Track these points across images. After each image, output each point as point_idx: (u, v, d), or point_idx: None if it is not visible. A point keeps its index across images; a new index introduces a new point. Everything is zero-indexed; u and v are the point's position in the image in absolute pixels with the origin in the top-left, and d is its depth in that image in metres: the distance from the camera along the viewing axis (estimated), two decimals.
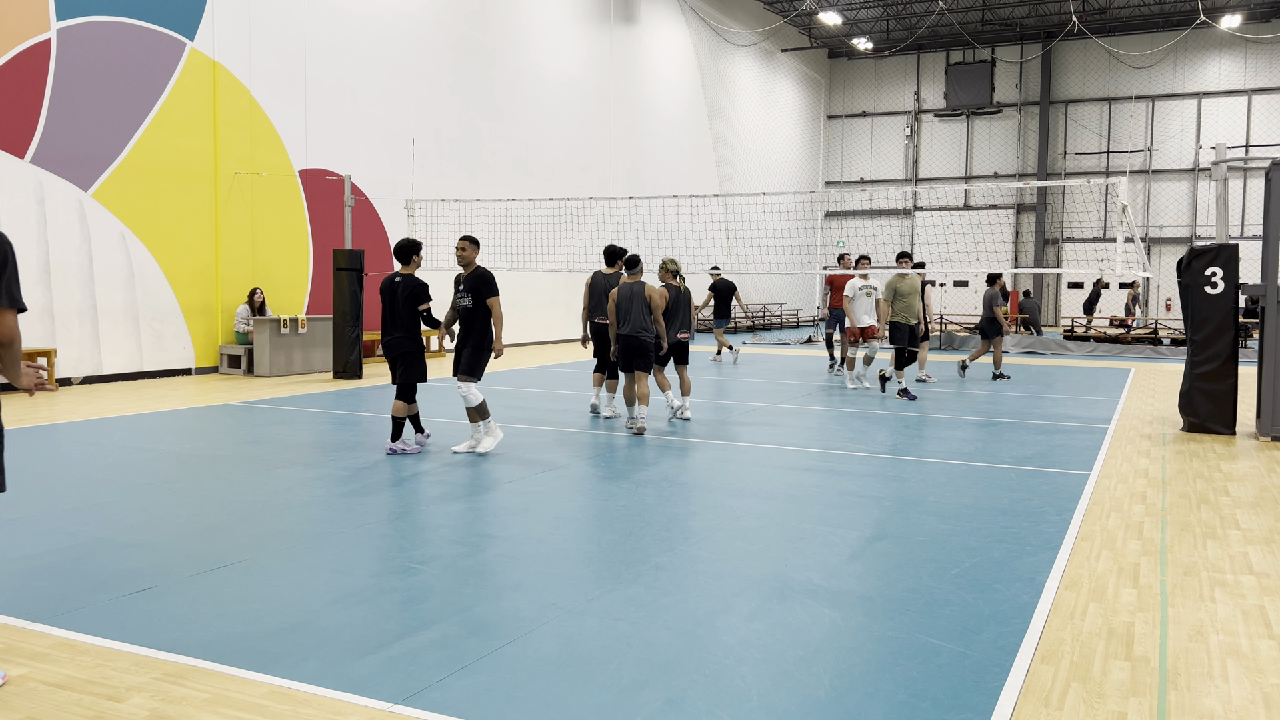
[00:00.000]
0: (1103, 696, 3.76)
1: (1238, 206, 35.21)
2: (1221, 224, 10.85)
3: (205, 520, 6.29)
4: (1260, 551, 5.84)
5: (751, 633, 4.35)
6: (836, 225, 41.17)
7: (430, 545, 5.74)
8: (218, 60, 15.72)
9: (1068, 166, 37.80)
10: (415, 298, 8.67)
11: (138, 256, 14.70)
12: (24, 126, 13.24)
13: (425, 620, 4.47)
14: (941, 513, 6.66)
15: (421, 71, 19.90)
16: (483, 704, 3.62)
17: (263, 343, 15.49)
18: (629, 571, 5.24)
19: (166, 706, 3.59)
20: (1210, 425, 10.39)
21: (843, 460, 8.60)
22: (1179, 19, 35.36)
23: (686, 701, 3.64)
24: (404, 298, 8.65)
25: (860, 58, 40.74)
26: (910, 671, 3.94)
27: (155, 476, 7.66)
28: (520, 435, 9.86)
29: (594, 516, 6.48)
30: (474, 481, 7.56)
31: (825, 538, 5.97)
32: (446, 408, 11.86)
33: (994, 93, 38.39)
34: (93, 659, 4.02)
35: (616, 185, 26.73)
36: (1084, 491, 7.42)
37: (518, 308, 22.66)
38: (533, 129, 23.33)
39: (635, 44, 27.65)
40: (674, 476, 7.83)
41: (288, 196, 17.13)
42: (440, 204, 19.52)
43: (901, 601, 4.79)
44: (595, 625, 4.43)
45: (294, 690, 3.73)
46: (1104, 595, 4.97)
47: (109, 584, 4.95)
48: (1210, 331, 10.34)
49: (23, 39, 13.16)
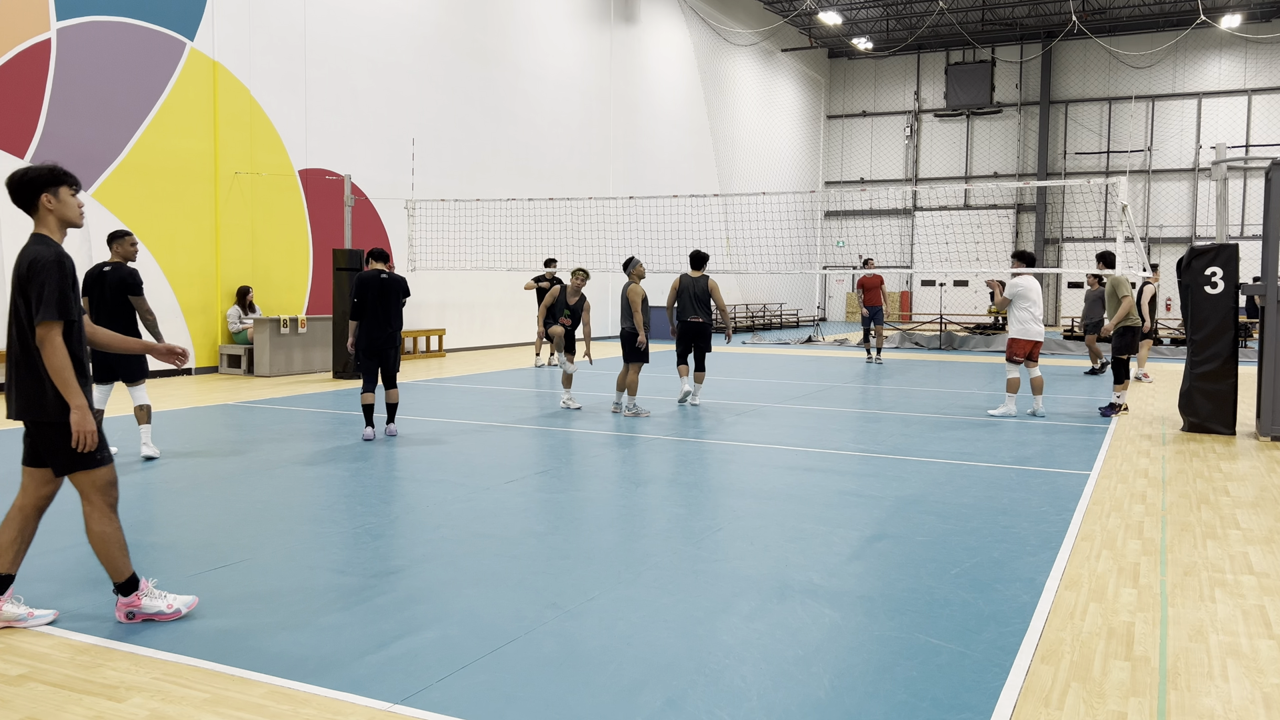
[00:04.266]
0: (1103, 696, 3.76)
1: (1238, 206, 35.21)
2: (1221, 224, 10.85)
3: (205, 520, 6.28)
4: (1260, 551, 5.84)
5: (751, 633, 4.35)
6: (836, 225, 41.17)
7: (430, 545, 5.74)
8: (218, 60, 15.72)
9: (1068, 166, 37.79)
10: (405, 292, 9.58)
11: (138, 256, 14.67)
12: (24, 126, 13.24)
13: (425, 620, 4.47)
14: (941, 513, 6.66)
15: (421, 71, 19.90)
16: (483, 704, 3.62)
17: (262, 343, 15.49)
18: (629, 571, 5.24)
19: (166, 706, 3.59)
20: (1210, 425, 10.39)
21: (843, 460, 8.60)
22: (1179, 19, 35.35)
23: (686, 701, 3.64)
24: (396, 293, 9.48)
25: (860, 58, 40.74)
26: (910, 671, 3.94)
27: (155, 476, 7.66)
28: (520, 435, 9.86)
29: (594, 516, 6.48)
30: (474, 481, 7.56)
31: (825, 538, 5.97)
32: (433, 405, 11.86)
33: (994, 93, 38.39)
34: (93, 659, 4.02)
35: (616, 185, 26.73)
36: (1084, 491, 7.42)
37: (518, 308, 22.66)
38: (533, 129, 23.33)
39: (635, 44, 27.65)
40: (674, 476, 7.83)
41: (287, 196, 17.12)
42: (440, 204, 19.51)
43: (901, 601, 4.79)
44: (595, 625, 4.43)
45: (294, 690, 3.73)
46: (1104, 595, 4.97)
47: (109, 584, 4.95)
48: (1210, 331, 10.34)
49: (23, 39, 13.16)
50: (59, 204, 4.26)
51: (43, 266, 4.11)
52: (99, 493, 4.28)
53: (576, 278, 11.68)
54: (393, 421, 9.77)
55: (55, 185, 4.24)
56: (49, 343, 4.09)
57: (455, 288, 21.04)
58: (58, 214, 4.27)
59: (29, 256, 4.17)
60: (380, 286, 9.38)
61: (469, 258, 19.85)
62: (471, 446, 9.14)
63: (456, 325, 21.15)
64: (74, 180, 4.34)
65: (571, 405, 11.77)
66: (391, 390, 9.71)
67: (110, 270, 8.23)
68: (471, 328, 21.66)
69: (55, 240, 4.27)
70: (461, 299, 21.32)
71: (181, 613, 4.43)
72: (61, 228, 4.30)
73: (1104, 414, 11.71)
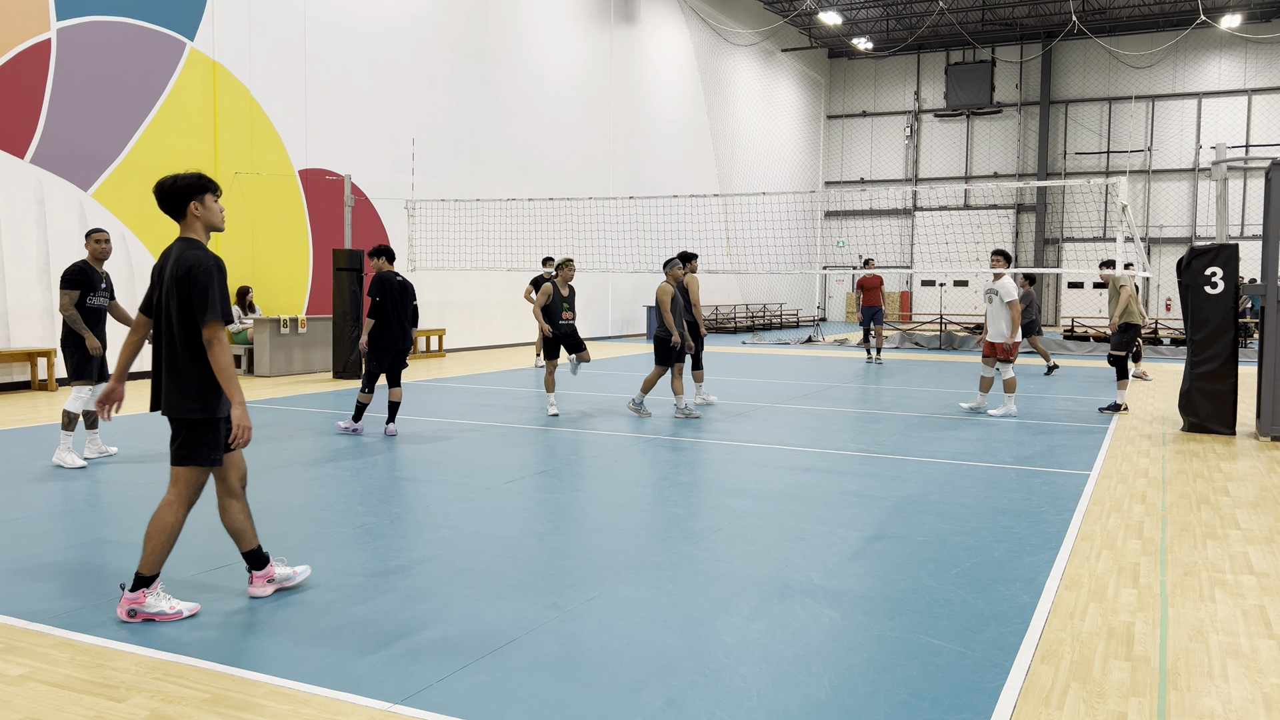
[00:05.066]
0: (1103, 696, 3.76)
1: (1238, 206, 35.21)
2: (1221, 224, 10.85)
3: (205, 520, 6.28)
4: (1260, 551, 5.84)
5: (751, 633, 4.35)
6: (836, 225, 41.18)
7: (430, 545, 5.74)
8: (218, 60, 15.72)
9: (1068, 166, 37.79)
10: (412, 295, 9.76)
11: (138, 256, 14.70)
12: (24, 126, 13.24)
13: (425, 620, 4.47)
14: (941, 513, 6.66)
15: (421, 71, 19.90)
16: (483, 704, 3.62)
17: (263, 342, 15.49)
18: (629, 571, 5.24)
19: (166, 706, 3.59)
20: (1210, 425, 10.39)
21: (843, 460, 8.60)
22: (1179, 19, 35.36)
23: (686, 701, 3.64)
24: (411, 294, 9.69)
25: (860, 58, 40.74)
26: (910, 671, 3.94)
27: (155, 477, 7.66)
28: (520, 435, 9.86)
29: (594, 516, 6.48)
30: (474, 481, 7.56)
31: (825, 538, 5.97)
32: (433, 405, 11.86)
33: (994, 93, 38.39)
34: (93, 659, 4.02)
35: (616, 185, 26.73)
36: (1084, 491, 7.42)
37: (518, 307, 22.66)
38: (532, 129, 23.33)
39: (635, 44, 27.65)
40: (674, 476, 7.83)
41: (288, 196, 17.13)
42: (440, 204, 19.52)
43: (901, 601, 4.79)
44: (595, 625, 4.43)
45: (294, 690, 3.73)
46: (1104, 595, 4.97)
47: (109, 584, 4.95)
48: (1210, 331, 10.34)
49: (23, 39, 13.16)
50: (205, 210, 4.53)
51: (204, 271, 4.35)
52: (192, 489, 4.48)
53: (567, 269, 11.45)
54: (393, 421, 9.77)
55: (202, 193, 4.51)
56: (217, 341, 4.33)
57: (455, 288, 21.04)
58: (204, 219, 4.53)
59: (188, 262, 4.38)
60: (400, 287, 9.56)
61: (469, 258, 19.85)
62: (471, 446, 9.15)
63: (456, 325, 21.15)
64: (218, 187, 4.62)
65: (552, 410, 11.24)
66: (396, 389, 9.80)
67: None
68: (471, 328, 21.67)
69: (202, 243, 4.51)
70: (461, 299, 21.32)
71: (183, 614, 4.46)
72: (207, 232, 4.57)
73: (1102, 411, 11.78)
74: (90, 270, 8.10)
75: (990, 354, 11.57)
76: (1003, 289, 11.30)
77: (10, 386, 13.16)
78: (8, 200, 13.08)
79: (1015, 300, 11.27)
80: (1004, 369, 11.51)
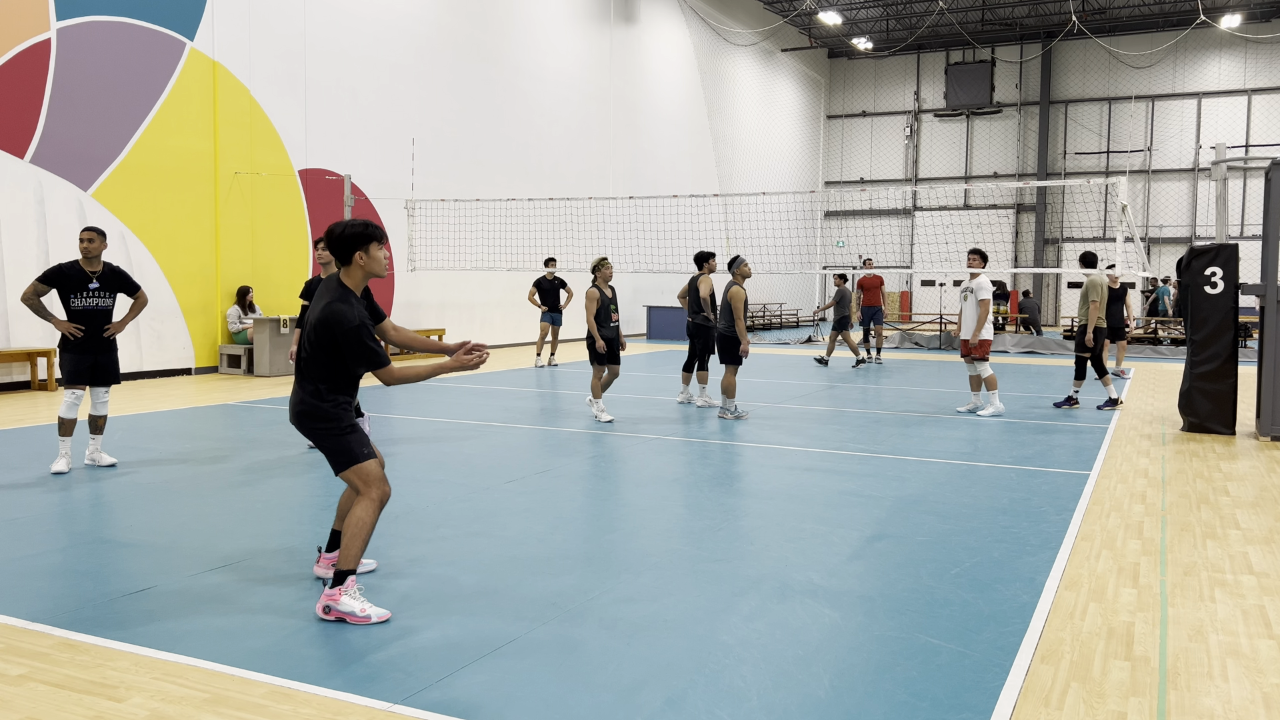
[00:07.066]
0: (1103, 696, 3.76)
1: (1238, 206, 35.21)
2: (1221, 224, 10.85)
3: (205, 520, 6.29)
4: (1260, 551, 5.84)
5: (751, 632, 4.35)
6: (836, 225, 41.18)
7: (430, 545, 5.74)
8: (218, 60, 15.72)
9: (1068, 166, 37.79)
10: None
11: (138, 256, 14.69)
12: (24, 126, 13.24)
13: (425, 620, 4.47)
14: (941, 513, 6.66)
15: (421, 71, 19.90)
16: (483, 704, 3.62)
17: (262, 342, 15.49)
18: (629, 571, 5.24)
19: (166, 706, 3.59)
20: (1210, 425, 10.39)
21: (843, 460, 8.60)
22: (1179, 19, 35.36)
23: (686, 701, 3.64)
24: None
25: (860, 58, 40.74)
26: (910, 671, 3.94)
27: (155, 477, 7.66)
28: (520, 435, 9.86)
29: (594, 516, 6.48)
30: (474, 481, 7.56)
31: (825, 538, 5.97)
32: (433, 405, 11.86)
33: (994, 93, 38.39)
34: (93, 659, 4.02)
35: (616, 185, 26.73)
36: (1084, 491, 7.42)
37: (518, 308, 22.67)
38: (532, 129, 23.33)
39: (635, 44, 27.65)
40: (674, 476, 7.83)
41: (287, 196, 17.12)
42: (440, 204, 19.51)
43: (901, 601, 4.79)
44: (595, 625, 4.43)
45: (294, 690, 3.73)
46: (1104, 595, 4.97)
47: (109, 584, 4.95)
48: (1210, 331, 10.34)
49: (23, 39, 13.16)
50: (369, 260, 4.58)
51: (346, 334, 4.42)
52: (371, 485, 4.57)
53: (606, 268, 10.95)
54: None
55: (368, 242, 4.55)
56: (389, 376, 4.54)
57: (455, 288, 21.04)
58: (366, 268, 4.59)
59: (336, 317, 4.42)
60: None
61: (469, 258, 19.85)
62: (471, 446, 9.15)
63: (456, 325, 21.15)
64: (384, 235, 4.66)
65: (603, 417, 10.83)
66: None
67: None
68: (471, 328, 21.66)
69: (354, 292, 4.56)
70: (461, 299, 21.32)
71: (371, 620, 4.42)
72: (365, 279, 4.63)
73: (1100, 409, 12.01)
74: (70, 270, 7.71)
75: (966, 353, 11.69)
76: (977, 287, 11.44)
77: (10, 386, 13.16)
78: (8, 200, 13.08)
79: (987, 299, 11.41)
80: (980, 367, 11.61)
